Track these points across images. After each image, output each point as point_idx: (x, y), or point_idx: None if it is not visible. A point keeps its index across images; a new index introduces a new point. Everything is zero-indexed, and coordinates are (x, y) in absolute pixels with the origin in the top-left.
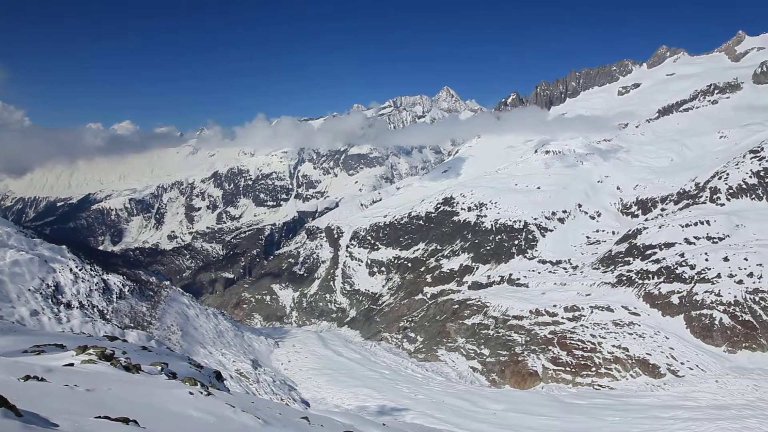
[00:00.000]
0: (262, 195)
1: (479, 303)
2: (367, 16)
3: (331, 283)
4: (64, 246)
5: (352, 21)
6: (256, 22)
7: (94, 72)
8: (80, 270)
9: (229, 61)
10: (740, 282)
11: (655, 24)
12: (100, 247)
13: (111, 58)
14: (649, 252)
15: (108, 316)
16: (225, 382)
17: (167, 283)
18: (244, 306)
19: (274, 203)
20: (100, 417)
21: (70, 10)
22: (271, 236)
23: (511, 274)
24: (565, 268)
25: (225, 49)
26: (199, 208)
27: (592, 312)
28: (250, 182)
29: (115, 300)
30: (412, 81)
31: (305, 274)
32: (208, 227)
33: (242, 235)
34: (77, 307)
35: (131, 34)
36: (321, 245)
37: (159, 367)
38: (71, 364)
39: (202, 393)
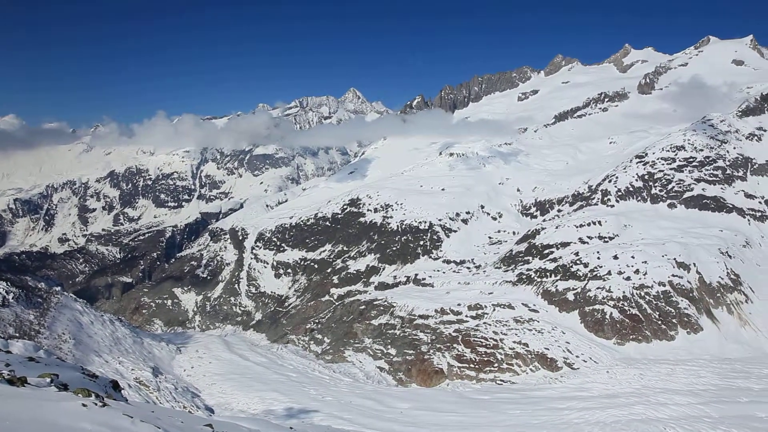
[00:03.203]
0: (162, 195)
1: (386, 303)
2: (269, 22)
3: (236, 285)
4: None
5: (252, 26)
6: (150, 16)
7: None
8: None
9: (124, 54)
10: (628, 278)
11: (552, 34)
12: None
13: None
14: (547, 251)
15: None
16: (123, 391)
17: (58, 288)
18: (144, 311)
19: (176, 204)
20: None
21: None
22: (172, 238)
23: (416, 275)
24: (468, 268)
25: (119, 41)
26: (94, 209)
27: (494, 310)
28: (149, 182)
29: None
30: (318, 82)
31: (209, 277)
32: (103, 229)
33: (141, 238)
34: None
35: (13, 22)
36: (225, 247)
37: (48, 379)
38: None
39: (96, 404)
